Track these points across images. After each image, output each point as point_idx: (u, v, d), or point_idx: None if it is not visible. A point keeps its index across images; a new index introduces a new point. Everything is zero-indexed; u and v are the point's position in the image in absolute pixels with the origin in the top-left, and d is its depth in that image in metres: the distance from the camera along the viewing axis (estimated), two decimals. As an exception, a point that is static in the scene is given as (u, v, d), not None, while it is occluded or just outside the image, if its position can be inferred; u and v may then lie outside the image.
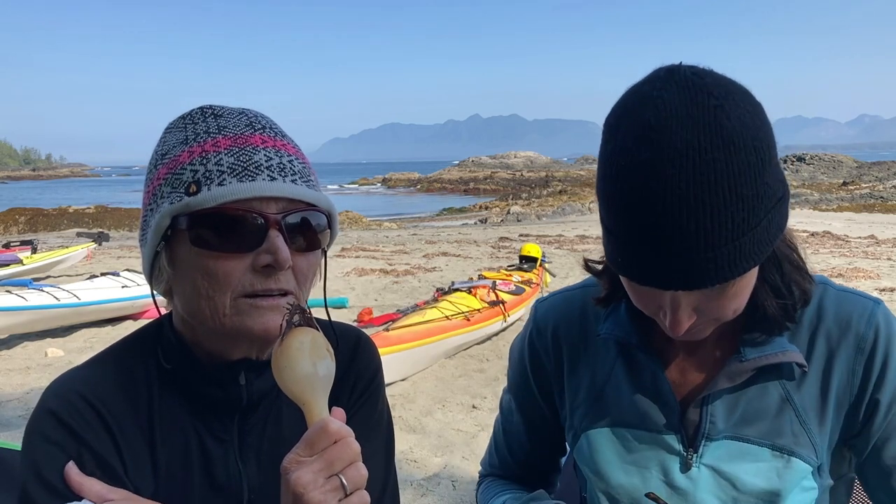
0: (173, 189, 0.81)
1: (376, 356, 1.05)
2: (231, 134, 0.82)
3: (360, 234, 21.48)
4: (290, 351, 0.74)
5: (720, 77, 0.75)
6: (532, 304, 1.16)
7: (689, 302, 0.79)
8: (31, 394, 5.26)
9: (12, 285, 8.91)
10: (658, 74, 0.76)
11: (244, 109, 0.88)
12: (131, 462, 0.84)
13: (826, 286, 0.95)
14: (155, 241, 0.83)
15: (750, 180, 0.70)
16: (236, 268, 0.80)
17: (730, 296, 0.79)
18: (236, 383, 0.88)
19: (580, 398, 1.03)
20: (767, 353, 0.90)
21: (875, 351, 0.90)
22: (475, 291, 6.84)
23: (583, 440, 1.01)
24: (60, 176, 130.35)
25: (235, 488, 0.90)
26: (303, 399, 0.73)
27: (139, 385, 0.88)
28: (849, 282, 9.46)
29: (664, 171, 0.69)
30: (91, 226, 24.03)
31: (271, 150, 0.83)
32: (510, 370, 1.18)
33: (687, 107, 0.70)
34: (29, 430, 0.83)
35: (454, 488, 3.75)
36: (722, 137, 0.69)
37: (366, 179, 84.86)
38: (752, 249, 0.73)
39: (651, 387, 0.96)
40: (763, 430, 0.90)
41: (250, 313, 0.82)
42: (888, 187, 37.23)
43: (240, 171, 0.79)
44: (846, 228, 18.30)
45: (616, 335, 0.98)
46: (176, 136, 0.85)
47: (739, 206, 0.70)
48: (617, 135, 0.74)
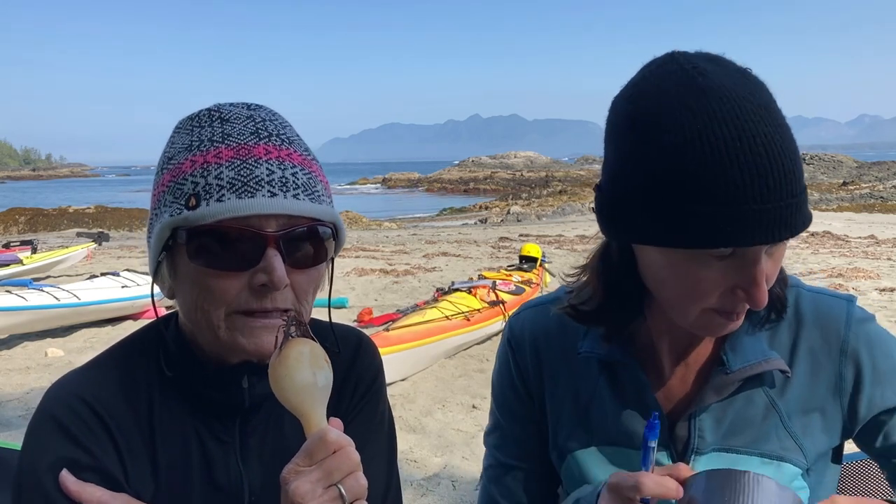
0: (175, 199, 0.80)
1: (377, 358, 1.04)
2: (234, 144, 0.81)
3: (360, 234, 21.48)
4: (290, 361, 0.73)
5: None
6: (506, 322, 1.10)
7: (766, 264, 0.80)
8: (31, 394, 5.26)
9: (12, 285, 8.91)
10: (662, 59, 0.80)
11: (253, 112, 0.85)
12: (131, 465, 0.84)
13: (798, 288, 0.95)
14: (157, 249, 0.83)
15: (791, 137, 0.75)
16: (232, 285, 0.80)
17: (777, 260, 0.81)
18: (239, 386, 0.88)
19: (563, 418, 1.00)
20: (752, 363, 0.89)
21: (858, 351, 0.91)
22: (475, 291, 6.84)
23: (570, 461, 0.99)
24: (60, 176, 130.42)
25: (237, 490, 0.89)
26: (301, 409, 0.72)
27: (140, 387, 0.88)
28: (849, 282, 9.45)
29: (749, 122, 0.71)
30: (91, 226, 24.03)
31: (274, 163, 0.80)
32: (495, 402, 1.11)
33: (723, 70, 0.76)
34: (29, 434, 0.83)
35: (454, 488, 3.75)
36: (764, 96, 0.75)
37: (366, 179, 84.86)
38: (807, 209, 0.76)
39: (637, 403, 0.94)
40: (750, 438, 0.90)
41: (244, 332, 0.81)
42: (888, 187, 37.23)
43: (239, 187, 0.78)
44: (846, 228, 18.29)
45: (598, 353, 0.96)
46: (182, 140, 0.84)
47: (798, 157, 0.74)
48: (671, 114, 0.74)
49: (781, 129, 0.73)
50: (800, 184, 0.74)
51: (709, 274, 0.78)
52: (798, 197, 0.73)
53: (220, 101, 0.88)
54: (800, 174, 0.74)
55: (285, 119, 0.89)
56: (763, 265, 0.77)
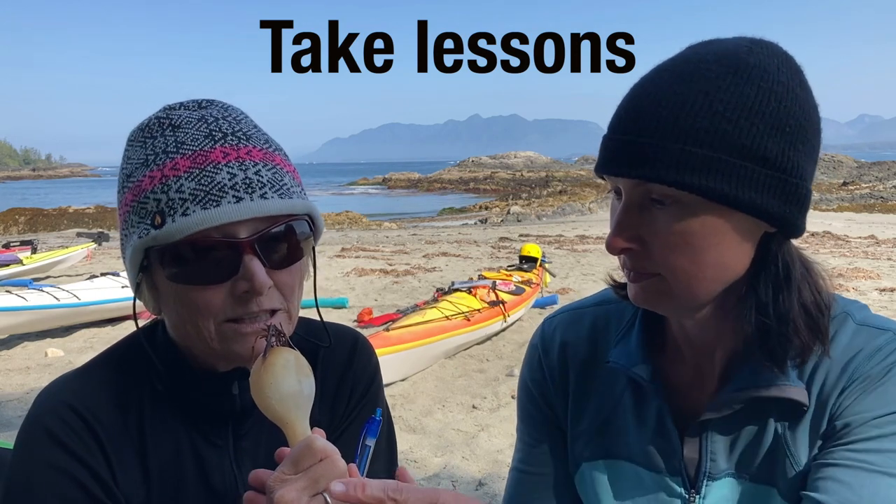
0: (140, 219, 0.79)
1: (374, 358, 1.04)
2: (189, 151, 0.78)
3: (360, 234, 21.48)
4: (276, 368, 0.72)
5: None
6: (540, 324, 1.08)
7: (631, 213, 0.76)
8: (30, 394, 5.26)
9: (12, 285, 8.92)
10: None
11: (204, 112, 0.82)
12: (120, 471, 0.83)
13: (849, 316, 0.83)
14: (133, 272, 0.82)
15: (745, 111, 0.71)
16: (216, 296, 0.79)
17: (676, 232, 0.74)
18: (229, 393, 0.87)
19: (582, 426, 0.98)
20: (764, 385, 0.81)
21: (866, 378, 0.78)
22: (475, 291, 6.84)
23: (584, 469, 0.97)
24: (60, 176, 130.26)
25: (231, 493, 0.89)
26: (287, 418, 0.72)
27: (129, 393, 0.87)
28: (849, 282, 9.46)
29: (666, 70, 0.75)
30: (91, 226, 24.02)
31: (234, 165, 0.78)
32: (518, 403, 1.07)
33: (722, 43, 0.76)
34: (19, 441, 0.83)
35: (454, 488, 3.75)
36: (728, 65, 0.72)
37: (366, 179, 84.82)
38: (704, 171, 0.70)
39: (656, 424, 0.91)
40: (765, 470, 0.83)
41: (236, 339, 0.80)
42: (888, 187, 37.24)
43: (202, 197, 0.75)
44: (846, 228, 18.29)
45: (625, 366, 0.91)
46: (137, 154, 0.82)
47: (715, 121, 0.70)
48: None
49: (691, 82, 0.71)
50: (669, 130, 0.71)
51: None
52: (654, 141, 0.71)
53: (183, 101, 0.85)
54: (683, 124, 0.70)
55: (240, 111, 0.86)
56: (625, 204, 0.77)
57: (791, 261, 0.79)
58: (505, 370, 5.96)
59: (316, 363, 0.97)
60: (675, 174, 0.71)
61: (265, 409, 0.72)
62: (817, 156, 0.76)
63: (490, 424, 4.66)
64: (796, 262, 0.80)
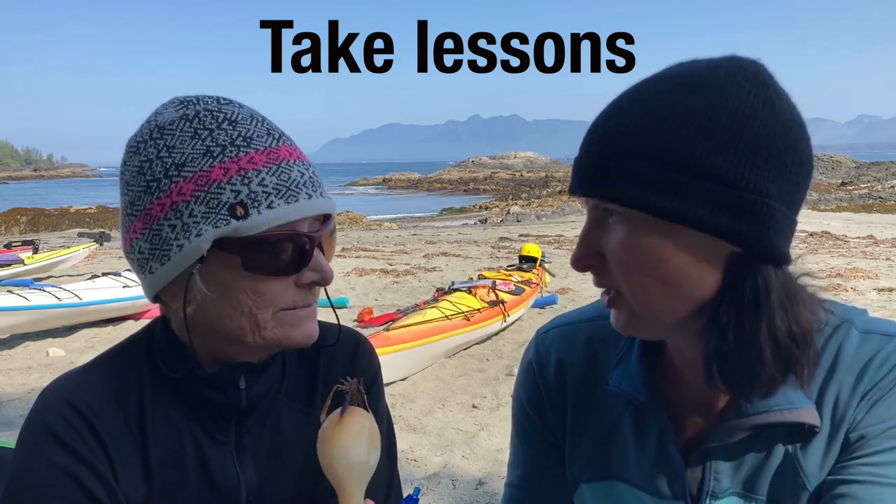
0: (210, 209, 0.77)
1: (375, 359, 1.04)
2: (262, 147, 0.81)
3: (361, 234, 21.48)
4: (351, 433, 0.72)
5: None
6: (532, 338, 1.05)
7: (591, 230, 0.78)
8: (32, 393, 5.27)
9: (14, 285, 8.92)
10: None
11: (247, 111, 0.84)
12: (121, 468, 0.84)
13: (851, 325, 0.81)
14: (187, 261, 0.79)
15: (693, 128, 0.70)
16: (282, 286, 0.82)
17: (628, 248, 0.74)
18: (236, 387, 0.88)
19: (581, 448, 0.96)
20: (772, 410, 0.78)
21: (879, 387, 0.77)
22: (475, 291, 6.86)
23: (583, 490, 0.95)
24: (62, 176, 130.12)
25: (233, 490, 0.89)
26: (346, 485, 0.72)
27: (130, 389, 0.87)
28: (848, 282, 9.46)
29: (635, 90, 0.75)
30: (92, 226, 24.02)
31: (300, 164, 0.82)
32: (513, 420, 1.05)
33: (710, 62, 0.75)
34: (21, 440, 0.83)
35: (454, 487, 3.77)
36: (691, 82, 0.72)
37: (366, 180, 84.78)
38: (649, 188, 0.70)
39: (658, 447, 0.88)
40: (773, 493, 0.82)
41: (293, 324, 0.84)
42: (887, 187, 37.23)
43: (284, 192, 0.79)
44: (845, 228, 18.30)
45: (625, 390, 0.89)
46: (191, 145, 0.79)
47: (662, 139, 0.70)
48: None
49: (648, 102, 0.72)
50: (620, 149, 0.72)
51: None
52: (605, 161, 0.73)
53: (221, 99, 0.85)
54: (633, 143, 0.71)
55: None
56: (587, 222, 0.79)
57: (767, 286, 0.73)
58: (505, 370, 5.98)
59: (318, 363, 0.98)
60: (622, 192, 0.72)
61: (326, 468, 0.73)
62: (798, 170, 0.72)
63: (490, 424, 4.68)
64: (773, 289, 0.73)
